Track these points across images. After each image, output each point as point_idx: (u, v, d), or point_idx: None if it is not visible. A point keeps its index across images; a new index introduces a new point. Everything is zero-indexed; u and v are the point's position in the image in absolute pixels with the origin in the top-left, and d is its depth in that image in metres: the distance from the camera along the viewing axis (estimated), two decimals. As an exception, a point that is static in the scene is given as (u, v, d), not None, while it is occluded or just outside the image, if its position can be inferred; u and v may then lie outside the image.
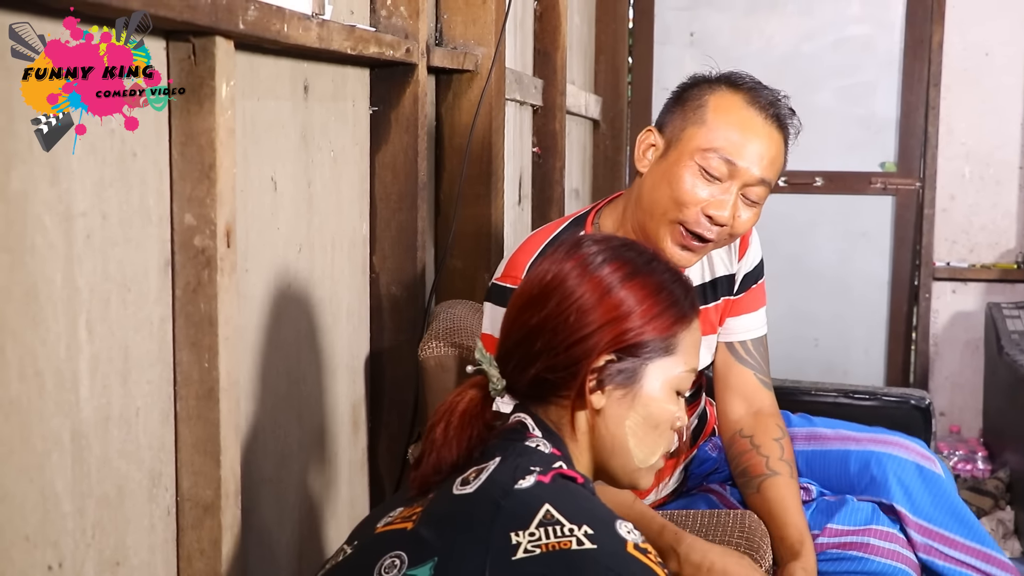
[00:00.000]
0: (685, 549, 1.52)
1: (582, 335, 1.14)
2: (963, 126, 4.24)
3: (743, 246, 1.83)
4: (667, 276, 1.20)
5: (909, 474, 1.71)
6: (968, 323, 4.28)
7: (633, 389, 1.17)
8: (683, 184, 1.62)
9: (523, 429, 1.16)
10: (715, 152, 1.61)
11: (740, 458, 1.79)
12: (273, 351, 1.51)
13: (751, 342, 1.86)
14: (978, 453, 3.99)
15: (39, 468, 1.00)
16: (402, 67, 1.87)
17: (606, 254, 1.18)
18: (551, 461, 1.11)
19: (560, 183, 3.17)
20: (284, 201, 1.52)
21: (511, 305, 1.21)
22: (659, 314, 1.16)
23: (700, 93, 1.68)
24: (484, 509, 1.05)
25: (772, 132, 1.66)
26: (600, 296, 1.15)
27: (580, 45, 3.82)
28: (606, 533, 1.02)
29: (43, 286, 0.99)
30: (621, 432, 1.18)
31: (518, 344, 1.17)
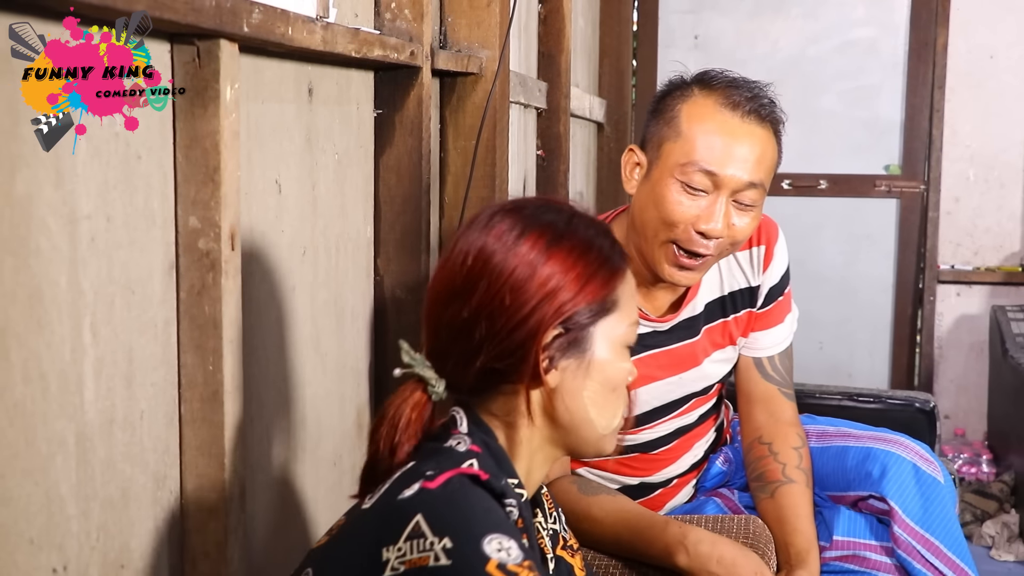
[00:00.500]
0: (693, 541, 1.52)
1: (523, 314, 1.07)
2: (967, 129, 4.24)
3: (767, 258, 1.78)
4: (591, 232, 1.13)
5: (905, 473, 1.68)
6: (972, 326, 4.27)
7: (585, 357, 1.11)
8: (668, 204, 1.57)
9: (450, 425, 1.11)
10: (694, 165, 1.55)
11: (757, 463, 1.78)
12: (277, 354, 1.51)
13: (777, 356, 1.83)
14: (983, 456, 3.98)
15: (43, 471, 1.00)
16: (406, 70, 1.87)
17: (523, 224, 1.11)
18: (459, 461, 1.05)
19: (564, 186, 3.17)
20: (288, 204, 1.52)
21: (433, 297, 1.13)
22: (593, 274, 1.10)
23: (673, 102, 1.61)
24: (371, 525, 1.00)
25: (753, 130, 1.58)
26: (530, 271, 1.08)
27: (584, 48, 3.83)
28: (468, 548, 0.94)
29: (47, 289, 0.99)
30: (580, 404, 1.12)
31: (454, 339, 1.10)
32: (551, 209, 1.15)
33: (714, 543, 1.51)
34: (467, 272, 1.10)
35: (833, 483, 1.77)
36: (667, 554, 1.53)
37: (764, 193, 1.61)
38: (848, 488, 1.74)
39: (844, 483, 1.75)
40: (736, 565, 1.49)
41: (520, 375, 1.09)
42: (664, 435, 1.83)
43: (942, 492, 1.69)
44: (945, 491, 1.70)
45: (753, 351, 1.83)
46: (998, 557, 3.43)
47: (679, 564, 1.52)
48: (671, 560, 1.53)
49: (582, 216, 1.16)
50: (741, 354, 1.84)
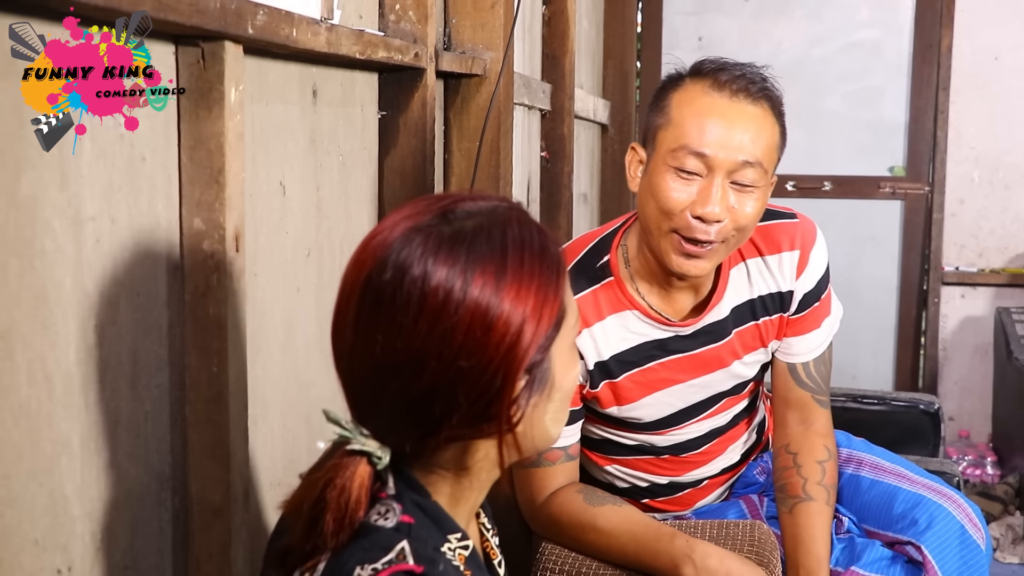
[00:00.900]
0: (701, 555, 1.50)
1: (487, 378, 0.94)
2: (972, 130, 4.23)
3: (802, 264, 1.74)
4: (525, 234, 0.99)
5: (951, 532, 1.65)
6: (977, 328, 4.27)
7: (548, 384, 1.00)
8: (663, 191, 1.54)
9: (376, 486, 0.98)
10: (684, 149, 1.53)
11: (781, 474, 1.76)
12: (282, 355, 1.51)
13: (812, 363, 1.80)
14: (987, 458, 3.97)
15: (48, 472, 1.00)
16: (411, 72, 1.87)
17: (463, 266, 0.94)
18: (390, 547, 0.93)
19: (568, 187, 3.17)
20: (293, 205, 1.53)
21: (352, 371, 0.98)
22: (548, 293, 0.97)
23: (666, 94, 1.60)
24: None
25: (744, 108, 1.55)
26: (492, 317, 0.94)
27: (588, 49, 3.83)
28: None
29: (52, 290, 0.99)
30: (543, 428, 1.03)
31: (402, 416, 0.96)
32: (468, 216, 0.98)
33: (722, 559, 1.49)
34: (408, 341, 0.93)
35: (875, 519, 1.74)
36: (673, 567, 1.52)
37: (766, 174, 1.57)
38: (888, 528, 1.71)
39: (886, 522, 1.72)
40: None
41: (488, 433, 0.98)
42: (696, 437, 1.79)
43: (981, 560, 1.66)
44: (984, 559, 1.66)
45: (788, 356, 1.79)
46: (1003, 559, 3.43)
47: None
48: (678, 573, 1.52)
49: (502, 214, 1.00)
50: (776, 358, 1.80)
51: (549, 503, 1.66)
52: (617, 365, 1.68)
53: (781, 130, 1.61)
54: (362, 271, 0.97)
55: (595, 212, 3.97)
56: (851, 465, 1.81)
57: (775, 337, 1.77)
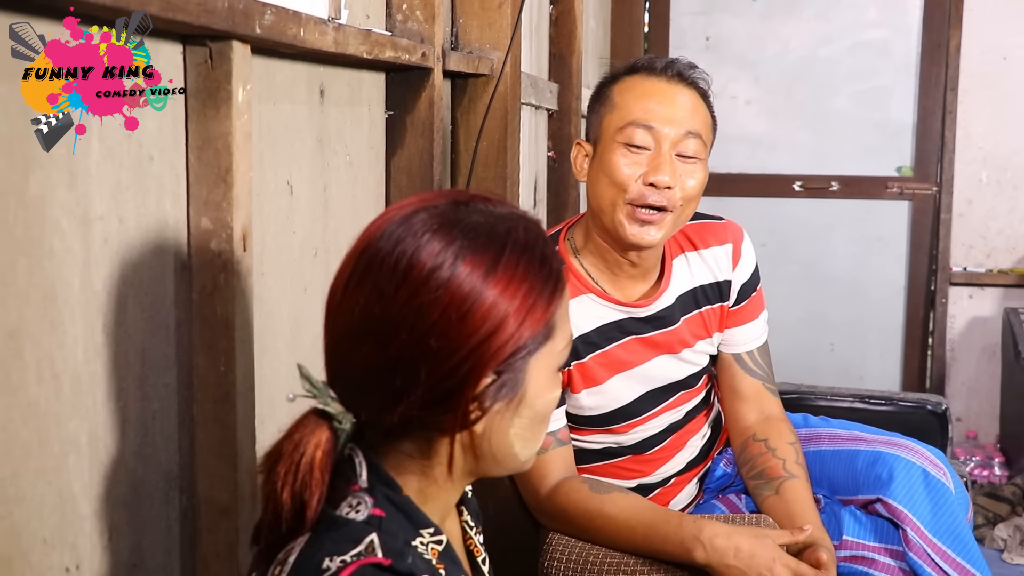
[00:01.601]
0: (709, 535, 1.52)
1: (452, 363, 0.93)
2: (980, 130, 4.22)
3: (736, 255, 1.84)
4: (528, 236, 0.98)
5: (914, 478, 1.69)
6: (985, 328, 4.26)
7: (517, 396, 0.98)
8: (615, 166, 1.66)
9: (347, 475, 0.98)
10: (632, 125, 1.66)
11: (755, 460, 1.79)
12: (289, 355, 1.51)
13: (757, 351, 1.88)
14: (995, 459, 3.97)
15: (56, 471, 1.00)
16: (418, 71, 1.87)
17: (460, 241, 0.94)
18: (359, 538, 0.93)
19: (575, 187, 3.17)
20: (300, 205, 1.53)
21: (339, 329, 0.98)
22: (538, 298, 0.96)
23: (606, 89, 1.74)
24: None
25: (680, 88, 1.69)
26: (469, 306, 0.93)
27: (595, 49, 3.82)
28: None
29: (61, 289, 1.00)
30: (505, 441, 1.00)
31: (366, 382, 0.95)
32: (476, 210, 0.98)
33: (730, 535, 1.52)
34: (386, 305, 0.93)
35: (843, 486, 1.78)
36: (684, 550, 1.54)
37: (706, 148, 1.71)
38: (857, 491, 1.75)
39: (853, 486, 1.75)
40: (754, 556, 1.49)
41: (444, 425, 0.97)
42: (655, 434, 1.84)
43: (951, 499, 1.68)
44: (955, 498, 1.69)
45: (733, 347, 1.87)
46: (1010, 560, 3.42)
47: (697, 560, 1.53)
48: (688, 556, 1.53)
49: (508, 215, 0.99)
50: (721, 352, 1.87)
51: (555, 494, 1.68)
52: (583, 346, 1.75)
53: (712, 114, 1.75)
54: (365, 236, 0.98)
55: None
56: (811, 443, 1.85)
57: (718, 328, 1.85)
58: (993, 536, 3.52)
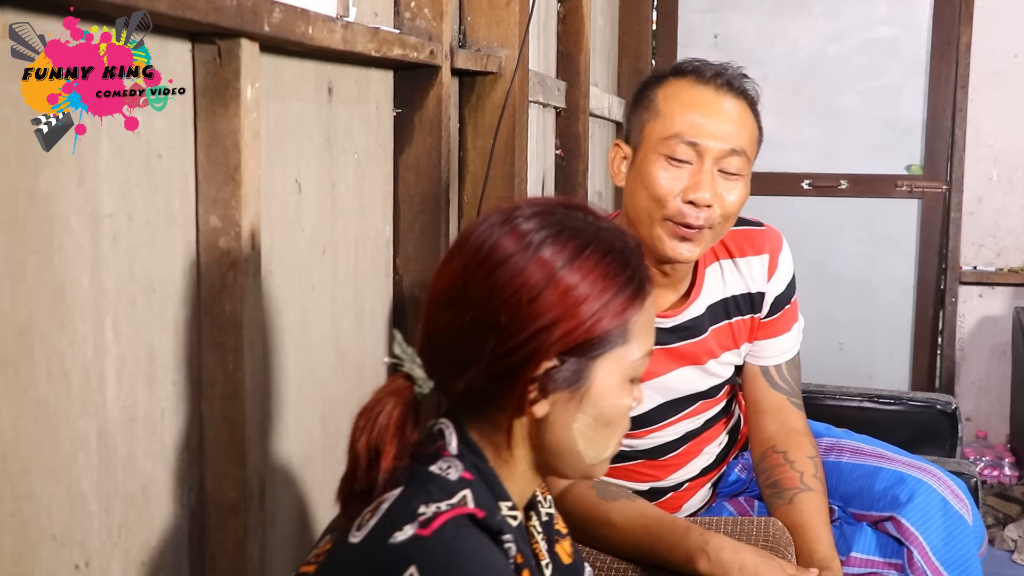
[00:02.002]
0: (715, 547, 1.50)
1: (518, 340, 0.98)
2: (991, 128, 4.21)
3: (772, 267, 1.80)
4: (619, 243, 1.03)
5: (933, 504, 1.66)
6: (995, 327, 4.25)
7: (581, 390, 1.02)
8: (655, 179, 1.61)
9: (440, 444, 1.04)
10: (676, 138, 1.60)
11: (773, 471, 1.76)
12: (297, 353, 1.51)
13: (785, 365, 1.83)
14: (1005, 459, 3.95)
15: (66, 468, 1.00)
16: (426, 69, 1.87)
17: (548, 229, 1.00)
18: (452, 493, 0.98)
19: (583, 185, 3.16)
20: (308, 203, 1.53)
21: (433, 292, 1.04)
22: (613, 298, 1.00)
23: (650, 92, 1.67)
24: (359, 563, 0.95)
25: (727, 100, 1.63)
26: (540, 289, 0.98)
27: (603, 47, 3.82)
28: None
29: (70, 287, 1.00)
30: (568, 436, 1.04)
31: (444, 347, 1.02)
32: (575, 217, 1.04)
33: (736, 550, 1.49)
34: (469, 276, 1.00)
35: (859, 501, 1.75)
36: (688, 560, 1.52)
37: (749, 163, 1.65)
38: (872, 507, 1.72)
39: (869, 502, 1.73)
40: (758, 573, 1.47)
41: (505, 401, 1.02)
42: (671, 440, 1.82)
43: (967, 531, 1.66)
44: (970, 531, 1.66)
45: (760, 360, 1.83)
46: (1020, 561, 3.41)
47: (701, 570, 1.51)
48: (692, 566, 1.52)
49: (608, 227, 1.05)
50: (748, 363, 1.84)
51: (562, 499, 1.67)
52: None
53: (759, 125, 1.69)
54: (472, 221, 1.08)
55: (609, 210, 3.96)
56: (832, 453, 1.83)
57: (747, 340, 1.81)
58: (1003, 537, 3.50)
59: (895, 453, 1.79)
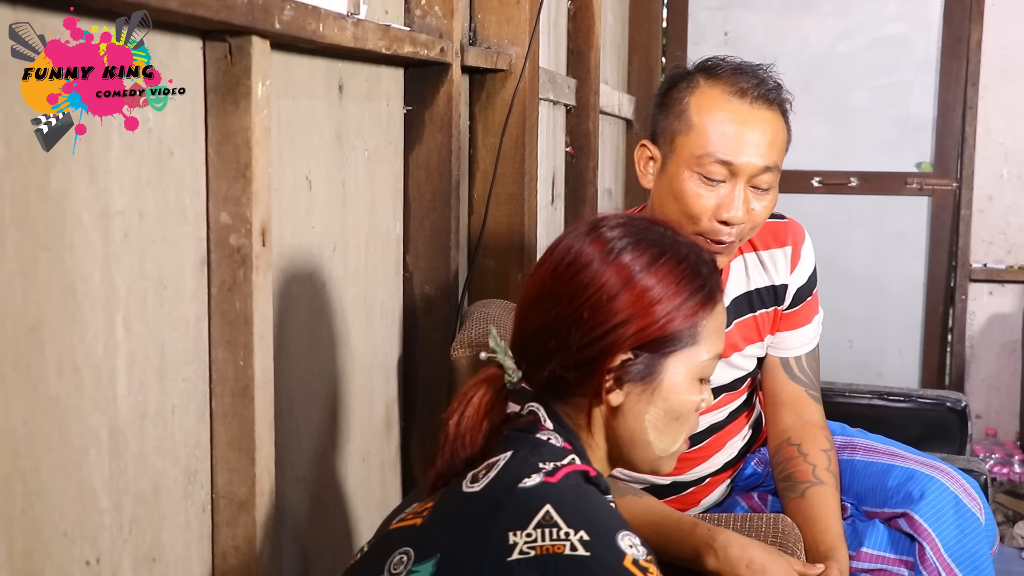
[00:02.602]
0: (722, 543, 1.50)
1: (597, 334, 1.10)
2: (1001, 126, 4.19)
3: (795, 259, 1.80)
4: (692, 255, 1.15)
5: (946, 502, 1.65)
6: (1005, 325, 4.23)
7: (653, 384, 1.13)
8: (688, 197, 1.59)
9: (536, 421, 1.13)
10: (710, 156, 1.57)
11: (787, 464, 1.76)
12: (307, 349, 1.52)
13: (804, 357, 1.83)
14: (1015, 456, 3.94)
15: (77, 464, 1.00)
16: (436, 67, 1.87)
17: (629, 238, 1.13)
18: (562, 456, 1.08)
19: (593, 183, 3.16)
20: (319, 200, 1.53)
21: (525, 293, 1.16)
22: (684, 302, 1.12)
23: (680, 95, 1.62)
24: (487, 508, 1.02)
25: (764, 115, 1.59)
26: (613, 292, 1.10)
27: (614, 45, 3.82)
28: (604, 542, 0.98)
29: (81, 284, 1.00)
30: (640, 426, 1.15)
31: (532, 339, 1.14)
32: (657, 229, 1.16)
33: (744, 546, 1.49)
34: (557, 277, 1.13)
35: (871, 498, 1.75)
36: (696, 556, 1.52)
37: (779, 174, 1.63)
38: (885, 505, 1.72)
39: (882, 499, 1.72)
40: (766, 570, 1.47)
41: (585, 389, 1.13)
42: (695, 433, 1.81)
43: (979, 529, 1.65)
44: (983, 529, 1.66)
45: (780, 351, 1.83)
46: (1030, 558, 3.40)
47: (708, 567, 1.51)
48: (700, 562, 1.52)
49: (686, 239, 1.17)
50: (769, 354, 1.83)
51: None
52: None
53: (789, 131, 1.66)
54: (567, 229, 1.20)
55: (620, 207, 3.97)
56: (845, 451, 1.82)
57: (769, 331, 1.81)
58: (1013, 534, 3.49)
59: (908, 452, 1.79)
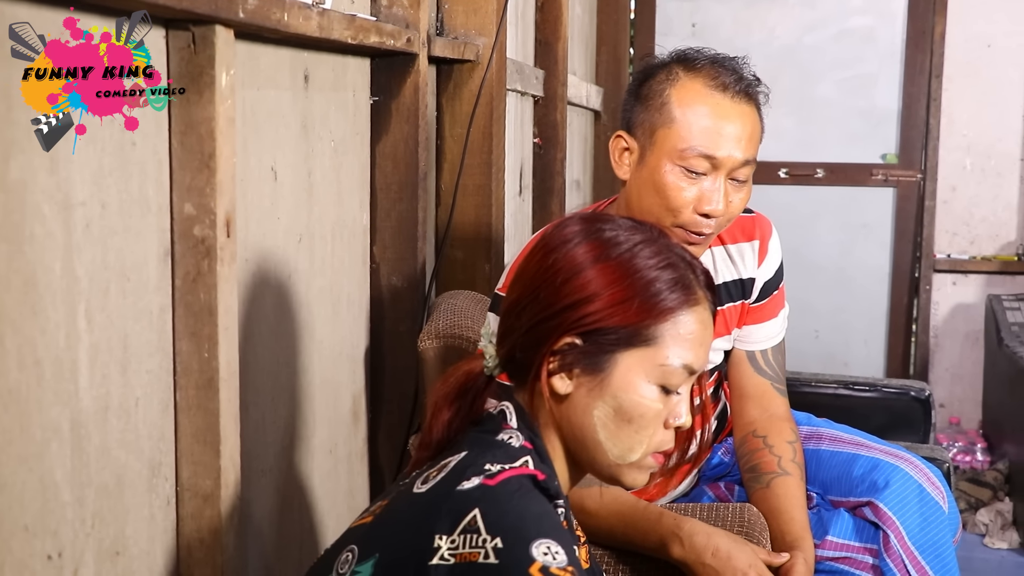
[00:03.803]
0: (688, 532, 1.51)
1: (548, 312, 1.11)
2: (964, 118, 4.23)
3: (762, 253, 1.81)
4: (654, 261, 1.13)
5: (909, 491, 1.67)
6: (968, 315, 4.28)
7: (600, 377, 1.11)
8: (670, 191, 1.59)
9: (501, 418, 1.13)
10: (692, 150, 1.58)
11: (752, 455, 1.77)
12: (273, 341, 1.51)
13: (771, 351, 1.84)
14: (977, 444, 3.99)
15: (38, 457, 0.99)
16: (403, 57, 1.86)
17: (588, 232, 1.15)
18: (515, 457, 1.07)
19: (561, 174, 3.16)
20: (284, 191, 1.52)
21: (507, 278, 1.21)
22: (626, 301, 1.10)
23: (660, 87, 1.62)
24: (426, 510, 1.02)
25: (743, 109, 1.60)
26: (566, 278, 1.11)
27: (581, 36, 3.82)
28: (516, 549, 0.96)
29: (42, 275, 0.99)
30: (589, 422, 1.12)
31: (504, 317, 1.17)
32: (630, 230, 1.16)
33: (709, 535, 1.50)
34: (527, 260, 1.17)
35: (837, 487, 1.76)
36: (662, 546, 1.53)
37: (755, 167, 1.65)
38: (850, 494, 1.73)
39: (848, 488, 1.74)
40: (731, 558, 1.48)
41: (528, 370, 1.12)
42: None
43: (942, 518, 1.67)
44: (945, 518, 1.67)
45: (747, 345, 1.84)
46: (992, 545, 3.44)
47: (674, 555, 1.52)
48: (666, 552, 1.53)
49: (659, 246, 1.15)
50: (735, 347, 1.85)
51: None
52: None
53: (763, 123, 1.67)
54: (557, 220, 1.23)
55: (588, 199, 3.97)
56: (811, 441, 1.84)
57: (736, 325, 1.82)
58: (975, 521, 3.54)
59: (873, 441, 1.80)
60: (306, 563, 1.62)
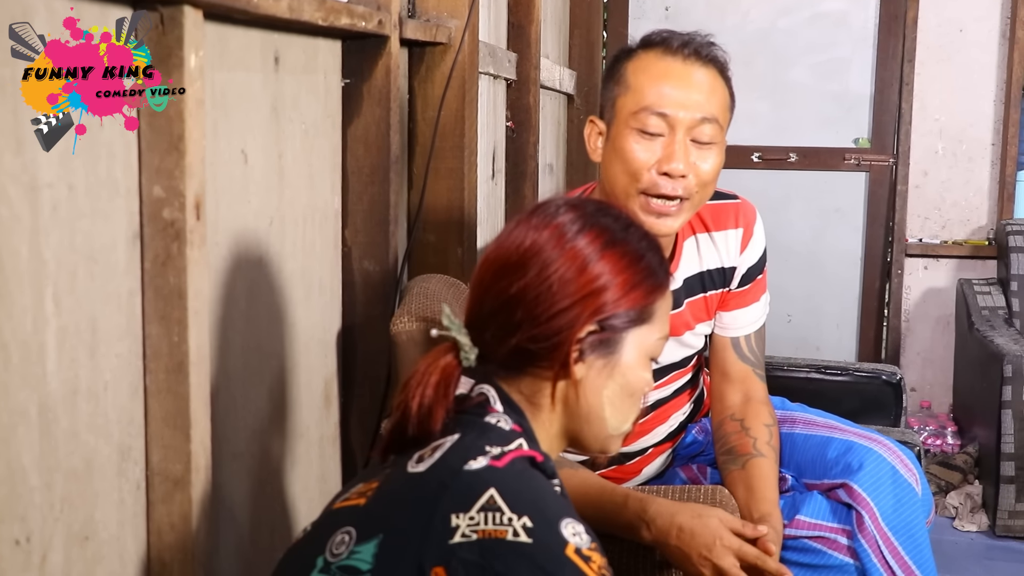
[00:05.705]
0: (652, 516, 1.52)
1: (564, 306, 1.13)
2: (936, 102, 4.26)
3: (746, 237, 1.83)
4: (643, 244, 1.19)
5: (883, 473, 1.69)
6: (939, 299, 4.31)
7: (612, 359, 1.16)
8: (628, 153, 1.61)
9: (484, 403, 1.14)
10: (646, 110, 1.61)
11: (728, 438, 1.79)
12: (244, 325, 1.50)
13: (753, 336, 1.86)
14: (948, 428, 4.02)
15: (5, 442, 0.99)
16: (374, 39, 1.85)
17: (582, 222, 1.17)
18: (510, 440, 1.10)
19: (534, 158, 3.16)
20: (255, 174, 1.51)
21: (483, 270, 1.18)
22: (639, 283, 1.16)
23: (620, 65, 1.68)
24: (432, 489, 1.03)
25: (696, 69, 1.63)
26: (579, 268, 1.14)
27: (555, 19, 3.81)
28: (547, 530, 1.00)
29: (8, 258, 0.98)
30: (598, 401, 1.17)
31: (494, 313, 1.15)
32: (610, 214, 1.20)
33: (672, 515, 1.51)
34: (523, 253, 1.15)
35: (811, 470, 1.78)
36: (630, 530, 1.54)
37: (722, 130, 1.65)
38: (824, 476, 1.75)
39: (822, 470, 1.75)
40: (694, 536, 1.49)
41: (550, 361, 1.14)
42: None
43: (915, 500, 1.69)
44: (919, 501, 1.69)
45: (729, 331, 1.86)
46: (961, 527, 3.48)
47: (644, 540, 1.53)
48: (636, 535, 1.54)
49: (638, 227, 1.21)
50: (716, 333, 1.86)
51: None
52: None
53: (730, 91, 1.69)
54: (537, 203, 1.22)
55: (561, 183, 3.97)
56: (785, 424, 1.86)
57: (716, 310, 1.84)
58: (945, 504, 3.58)
59: (846, 425, 1.82)
60: (279, 547, 1.62)
